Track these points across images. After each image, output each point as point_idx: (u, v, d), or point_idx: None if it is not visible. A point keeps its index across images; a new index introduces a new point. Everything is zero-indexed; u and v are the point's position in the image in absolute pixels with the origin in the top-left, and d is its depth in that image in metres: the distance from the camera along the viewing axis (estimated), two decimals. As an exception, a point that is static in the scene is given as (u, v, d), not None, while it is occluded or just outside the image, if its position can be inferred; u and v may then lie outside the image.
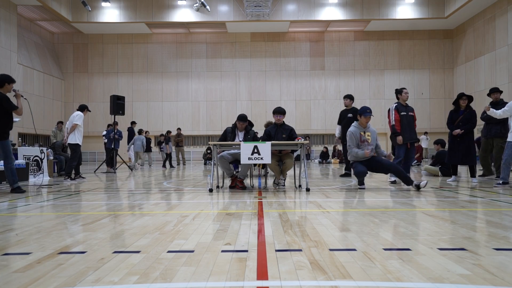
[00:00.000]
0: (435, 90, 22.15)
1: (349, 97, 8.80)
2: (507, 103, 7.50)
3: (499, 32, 17.61)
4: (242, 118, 6.39)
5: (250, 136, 6.39)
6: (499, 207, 4.13)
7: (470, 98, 7.24)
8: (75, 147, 8.26)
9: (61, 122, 12.23)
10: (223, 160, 6.15)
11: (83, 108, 8.62)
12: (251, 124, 6.63)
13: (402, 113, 6.96)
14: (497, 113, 6.53)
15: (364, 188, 5.94)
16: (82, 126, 8.43)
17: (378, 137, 6.22)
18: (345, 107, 8.78)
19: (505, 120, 7.20)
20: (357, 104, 9.16)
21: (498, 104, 7.60)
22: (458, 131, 7.00)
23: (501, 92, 7.82)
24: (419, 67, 22.16)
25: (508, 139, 6.36)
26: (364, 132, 6.08)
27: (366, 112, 6.07)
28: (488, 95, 7.92)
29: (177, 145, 16.28)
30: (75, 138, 8.22)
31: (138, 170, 12.85)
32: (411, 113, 7.03)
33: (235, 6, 19.97)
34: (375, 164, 6.02)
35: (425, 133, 19.04)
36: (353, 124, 6.24)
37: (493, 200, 4.63)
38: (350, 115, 8.26)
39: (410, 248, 2.38)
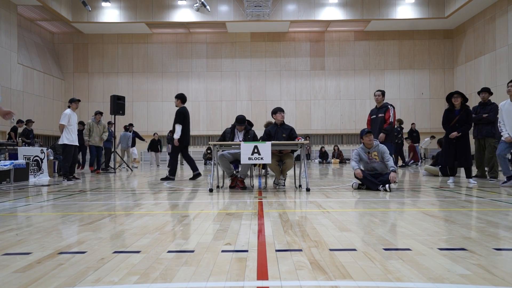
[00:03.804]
0: (435, 90, 22.13)
1: (177, 97, 8.21)
2: (494, 104, 7.56)
3: (499, 32, 17.60)
4: (240, 120, 6.35)
5: (250, 136, 6.39)
6: (499, 207, 4.13)
7: (464, 97, 6.83)
8: (64, 147, 8.25)
9: (100, 113, 11.24)
10: (223, 159, 6.15)
11: (70, 103, 8.43)
12: (250, 124, 6.62)
13: (372, 116, 7.65)
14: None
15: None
16: (72, 124, 8.24)
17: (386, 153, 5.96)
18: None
19: (496, 120, 7.29)
20: (358, 104, 9.34)
21: (487, 104, 7.62)
22: (455, 133, 6.74)
23: (491, 93, 7.77)
24: (419, 67, 22.14)
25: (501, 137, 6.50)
26: (369, 153, 5.97)
27: (363, 132, 6.01)
28: (478, 93, 7.93)
29: None
30: (62, 138, 8.19)
31: (121, 171, 11.60)
32: (381, 115, 7.40)
33: (235, 6, 19.96)
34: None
35: (432, 137, 18.81)
36: (360, 146, 6.16)
37: (493, 200, 4.63)
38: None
39: (410, 248, 2.38)
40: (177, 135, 7.89)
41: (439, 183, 7.07)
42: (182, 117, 7.94)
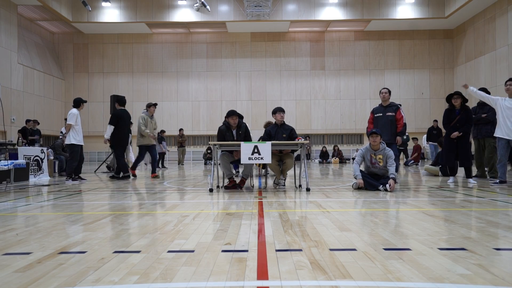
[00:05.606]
0: (435, 90, 22.13)
1: (116, 101, 9.04)
2: (487, 106, 7.55)
3: (499, 32, 17.60)
4: (233, 112, 6.28)
5: (242, 130, 6.35)
6: (499, 207, 4.13)
7: (463, 98, 6.85)
8: (72, 147, 8.20)
9: (154, 105, 9.50)
10: (225, 158, 6.14)
11: (77, 103, 8.38)
12: (241, 117, 6.52)
13: (377, 115, 7.08)
14: (477, 93, 6.65)
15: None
16: (78, 124, 8.23)
17: (391, 159, 5.83)
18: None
19: (495, 120, 7.22)
20: (358, 104, 9.13)
21: (485, 104, 7.63)
22: (456, 133, 6.74)
23: (488, 93, 7.64)
24: (419, 67, 22.14)
25: (496, 135, 6.45)
26: (375, 155, 5.90)
27: (371, 132, 5.87)
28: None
29: (181, 145, 16.68)
30: (70, 138, 8.15)
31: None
32: (390, 114, 6.93)
33: (235, 6, 19.96)
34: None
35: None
36: (366, 146, 6.08)
37: (493, 200, 4.63)
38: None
39: (410, 248, 2.38)
40: (106, 135, 8.67)
41: (439, 183, 7.07)
42: (115, 119, 8.71)
